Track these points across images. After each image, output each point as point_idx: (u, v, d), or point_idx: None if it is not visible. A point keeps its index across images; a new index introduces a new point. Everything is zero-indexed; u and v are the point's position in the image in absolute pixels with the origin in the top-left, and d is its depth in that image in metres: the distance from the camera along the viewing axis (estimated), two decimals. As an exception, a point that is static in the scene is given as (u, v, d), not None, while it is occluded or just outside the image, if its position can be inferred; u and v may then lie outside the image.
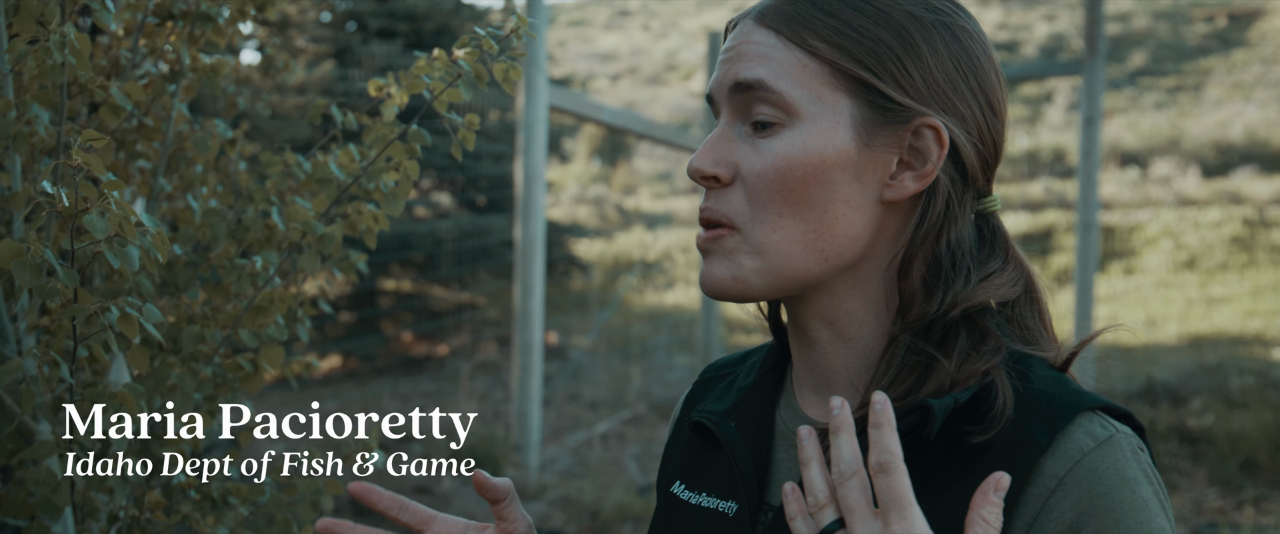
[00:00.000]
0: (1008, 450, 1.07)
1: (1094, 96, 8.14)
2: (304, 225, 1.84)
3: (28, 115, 1.63)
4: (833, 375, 1.19)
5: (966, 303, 1.13)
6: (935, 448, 1.10)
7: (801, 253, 1.13)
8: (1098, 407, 1.09)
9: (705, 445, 1.30)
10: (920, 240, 1.14)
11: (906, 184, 1.14)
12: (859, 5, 1.14)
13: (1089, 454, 1.05)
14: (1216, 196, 17.80)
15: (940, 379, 1.10)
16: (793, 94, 1.12)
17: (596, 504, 5.94)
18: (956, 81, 1.14)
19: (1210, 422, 7.25)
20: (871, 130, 1.13)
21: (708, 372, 1.41)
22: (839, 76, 1.12)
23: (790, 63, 1.13)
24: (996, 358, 1.11)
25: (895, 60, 1.13)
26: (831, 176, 1.12)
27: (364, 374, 10.21)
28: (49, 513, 1.57)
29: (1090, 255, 8.19)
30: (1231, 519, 5.84)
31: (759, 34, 1.15)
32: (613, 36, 36.65)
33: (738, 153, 1.14)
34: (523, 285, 6.61)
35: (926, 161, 1.14)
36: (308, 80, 9.53)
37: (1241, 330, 12.30)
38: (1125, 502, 1.04)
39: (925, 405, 1.08)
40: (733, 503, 1.21)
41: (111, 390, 1.57)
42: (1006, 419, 1.07)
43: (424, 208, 11.19)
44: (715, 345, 9.47)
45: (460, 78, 1.79)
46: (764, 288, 1.14)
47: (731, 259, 1.14)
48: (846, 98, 1.13)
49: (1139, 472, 1.07)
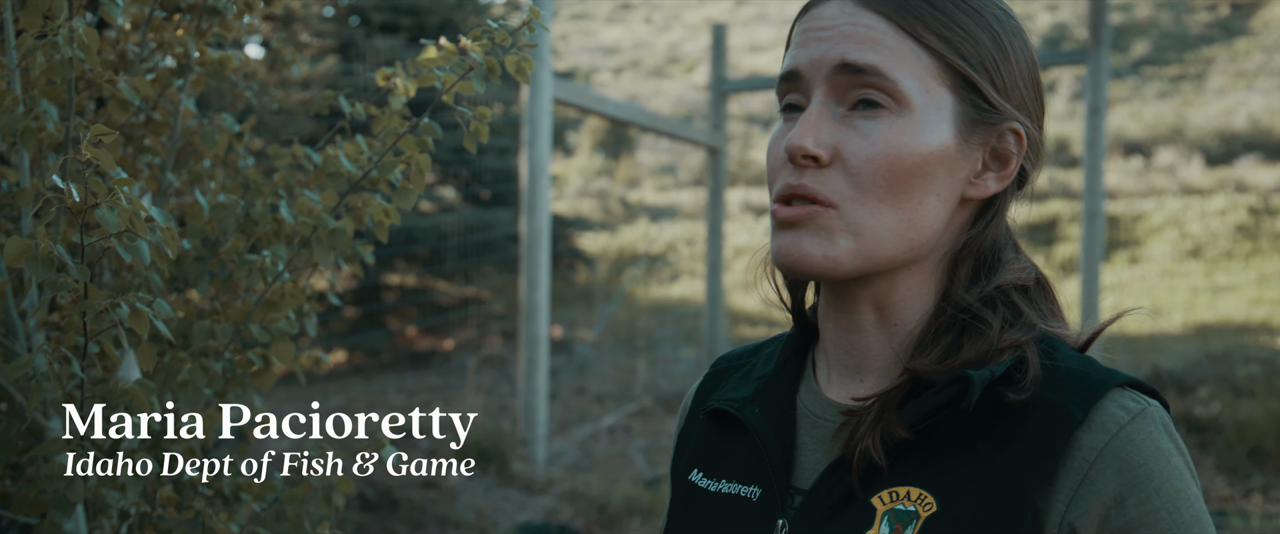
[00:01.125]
0: (1044, 423, 1.09)
1: (1099, 86, 8.12)
2: (315, 220, 1.83)
3: (36, 110, 1.62)
4: (868, 359, 1.21)
5: (997, 282, 1.18)
6: (974, 418, 1.12)
7: (893, 240, 1.15)
8: (1127, 383, 1.12)
9: (723, 432, 1.30)
10: (981, 235, 1.19)
11: (989, 184, 1.18)
12: (959, 2, 1.16)
13: (1125, 427, 1.08)
14: (1221, 185, 17.77)
15: (979, 346, 1.14)
16: (905, 83, 1.13)
17: (604, 497, 5.94)
18: (1028, 86, 1.20)
19: (1217, 410, 7.25)
20: (969, 128, 1.16)
21: (720, 363, 1.41)
22: (946, 72, 1.15)
23: (903, 52, 1.13)
24: (1031, 333, 1.15)
25: (993, 62, 1.16)
26: (932, 170, 1.14)
27: (369, 369, 10.21)
28: (62, 509, 1.56)
29: (1096, 245, 8.18)
30: (1239, 507, 5.83)
31: (867, 17, 1.15)
32: (615, 29, 36.62)
33: (837, 134, 1.14)
34: (528, 279, 6.60)
35: (1006, 164, 1.18)
36: (311, 75, 9.52)
37: (1247, 318, 12.28)
38: (1162, 471, 1.07)
39: (965, 376, 1.10)
40: (755, 487, 1.22)
41: (122, 387, 1.56)
42: (1037, 383, 1.11)
43: (428, 202, 11.18)
44: (721, 338, 9.46)
45: (473, 71, 1.78)
46: (850, 270, 1.15)
47: (827, 237, 1.14)
48: (950, 94, 1.15)
49: (1171, 443, 1.10)
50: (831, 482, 1.16)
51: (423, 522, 5.44)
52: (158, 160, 2.05)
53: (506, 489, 6.15)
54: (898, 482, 1.12)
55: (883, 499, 1.12)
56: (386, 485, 5.69)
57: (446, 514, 5.55)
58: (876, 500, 1.12)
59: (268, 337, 1.86)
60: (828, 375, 1.25)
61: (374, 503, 5.52)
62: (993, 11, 1.18)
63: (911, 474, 1.12)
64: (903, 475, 1.12)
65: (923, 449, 1.12)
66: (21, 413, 1.63)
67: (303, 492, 1.83)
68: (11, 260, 1.34)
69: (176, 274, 1.89)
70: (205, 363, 1.79)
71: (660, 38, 35.20)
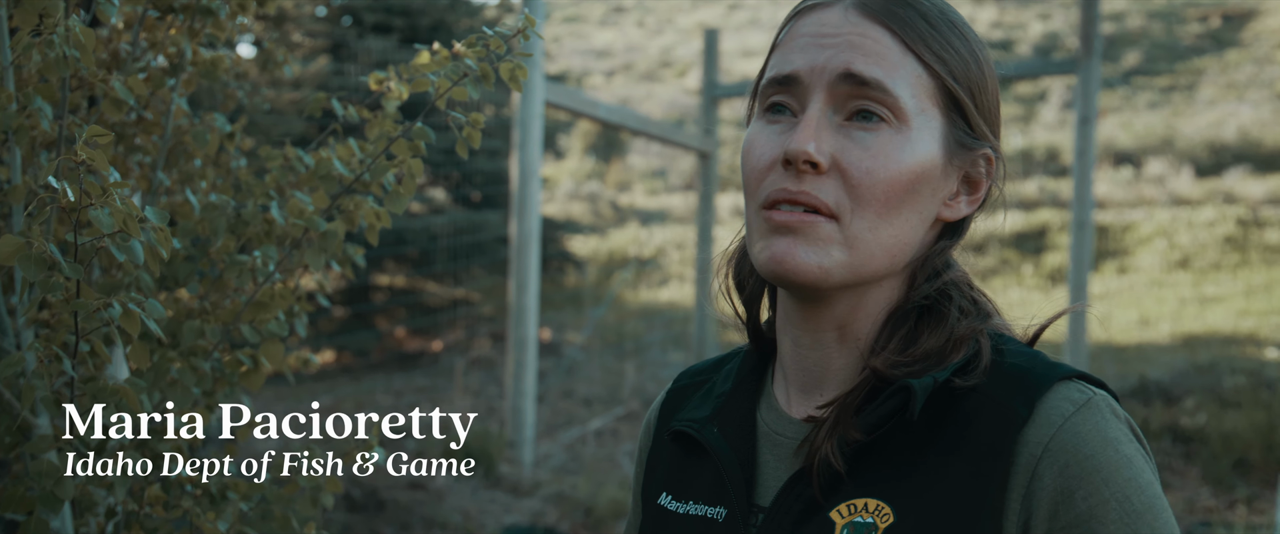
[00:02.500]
0: (992, 425, 1.09)
1: (1089, 96, 8.15)
2: (306, 221, 1.83)
3: (30, 108, 1.62)
4: (827, 375, 1.21)
5: (950, 278, 1.19)
6: (921, 424, 1.12)
7: (883, 256, 1.15)
8: (1072, 375, 1.12)
9: (688, 454, 1.30)
10: (941, 252, 1.20)
11: (960, 207, 1.20)
12: (950, 24, 1.17)
13: (1069, 419, 1.08)
14: (1210, 196, 17.81)
15: (937, 337, 1.14)
16: (905, 99, 1.13)
17: (590, 501, 5.94)
18: (998, 112, 1.21)
19: (1203, 421, 7.26)
20: (952, 151, 1.17)
21: (682, 379, 1.41)
22: (940, 92, 1.15)
23: (906, 67, 1.14)
24: (986, 322, 1.16)
25: (978, 85, 1.17)
26: (922, 188, 1.15)
27: (358, 369, 10.20)
28: (49, 506, 1.57)
29: (1084, 254, 8.20)
30: (1224, 518, 5.85)
31: (872, 29, 1.14)
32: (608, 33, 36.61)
33: (836, 143, 1.13)
34: (517, 281, 6.60)
35: (977, 189, 1.20)
36: (303, 75, 9.50)
37: (1234, 330, 12.31)
38: (1110, 461, 1.07)
39: (906, 386, 1.11)
40: (721, 508, 1.22)
41: (112, 386, 1.56)
42: (985, 373, 1.12)
43: (418, 203, 11.17)
44: (709, 342, 9.47)
45: (466, 76, 1.78)
46: (839, 282, 1.15)
47: (823, 248, 1.13)
48: (940, 115, 1.16)
49: (1119, 431, 1.09)
50: (790, 497, 1.16)
51: (409, 523, 5.44)
52: (148, 159, 2.05)
53: (493, 491, 6.15)
54: (855, 494, 1.12)
55: (841, 513, 1.12)
56: (373, 486, 5.68)
57: (433, 516, 5.54)
58: (835, 514, 1.12)
59: (257, 337, 1.86)
60: (787, 391, 1.24)
61: (360, 503, 5.51)
62: (974, 35, 1.19)
63: (868, 486, 1.12)
64: (860, 487, 1.12)
65: (877, 460, 1.13)
66: (11, 411, 1.63)
67: (289, 491, 1.84)
68: (5, 258, 1.34)
69: (166, 274, 1.89)
70: (194, 362, 1.79)
71: (653, 42, 35.19)
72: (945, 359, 1.13)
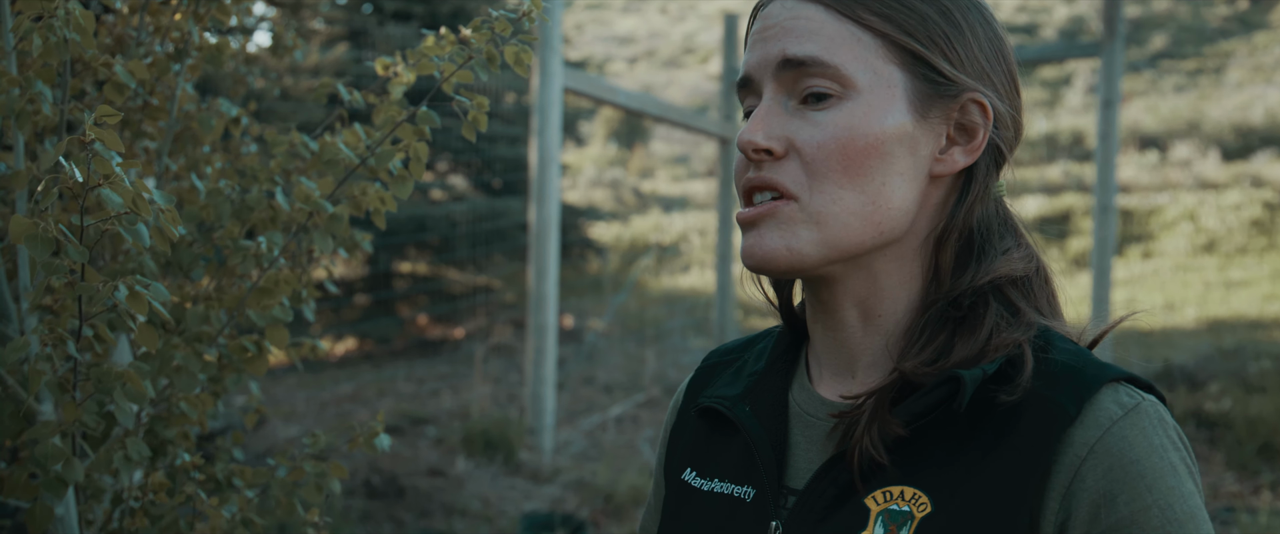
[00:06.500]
0: (1038, 421, 1.08)
1: (1112, 79, 8.09)
2: (312, 205, 1.82)
3: (31, 92, 1.62)
4: (858, 356, 1.20)
5: (991, 276, 1.16)
6: (965, 417, 1.11)
7: (858, 224, 1.14)
8: (1122, 377, 1.11)
9: (714, 431, 1.29)
10: (962, 215, 1.17)
11: (956, 158, 1.17)
12: None
13: (1117, 422, 1.07)
14: (1236, 179, 17.68)
15: (970, 346, 1.12)
16: (848, 67, 1.13)
17: (610, 487, 5.94)
18: (993, 60, 1.18)
19: (1228, 406, 7.21)
20: (925, 103, 1.15)
21: (711, 358, 1.40)
22: (892, 49, 1.14)
23: (843, 36, 1.13)
24: (1029, 332, 1.13)
25: (943, 35, 1.15)
26: (890, 148, 1.13)
27: (379, 357, 10.23)
28: (54, 491, 1.56)
29: (1108, 239, 8.14)
30: (1248, 503, 5.80)
31: (805, 9, 1.15)
32: (630, 19, 36.58)
33: (789, 127, 1.14)
34: (537, 268, 6.60)
35: (973, 137, 1.17)
36: (322, 62, 9.52)
37: (1260, 314, 12.22)
38: (1155, 468, 1.06)
39: (956, 376, 1.09)
40: (749, 487, 1.21)
41: (117, 370, 1.56)
42: (1028, 383, 1.09)
43: (439, 190, 11.19)
44: (730, 328, 9.45)
45: (472, 60, 1.77)
46: (816, 259, 1.14)
47: (788, 228, 1.13)
48: (899, 71, 1.14)
49: (1165, 438, 1.08)
50: (825, 482, 1.14)
51: (429, 509, 5.45)
52: (154, 145, 2.05)
53: (513, 478, 6.16)
54: (891, 482, 1.11)
55: (877, 499, 1.11)
56: (392, 473, 5.69)
57: (453, 502, 5.55)
58: (870, 501, 1.11)
59: (263, 322, 1.86)
60: (820, 373, 1.24)
61: (380, 490, 5.52)
62: None
63: (907, 475, 1.11)
64: (896, 476, 1.11)
65: (916, 449, 1.11)
66: (15, 396, 1.63)
67: (294, 477, 1.83)
68: (16, 238, 1.34)
69: (171, 259, 1.89)
70: (199, 348, 1.78)
71: (675, 28, 35.15)
72: (979, 364, 1.12)
